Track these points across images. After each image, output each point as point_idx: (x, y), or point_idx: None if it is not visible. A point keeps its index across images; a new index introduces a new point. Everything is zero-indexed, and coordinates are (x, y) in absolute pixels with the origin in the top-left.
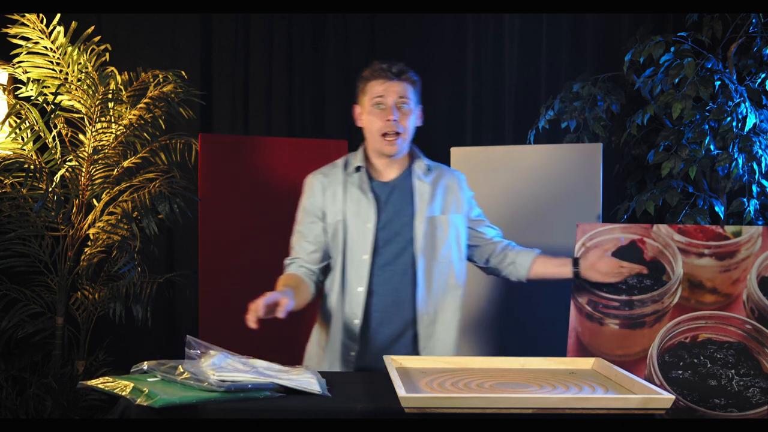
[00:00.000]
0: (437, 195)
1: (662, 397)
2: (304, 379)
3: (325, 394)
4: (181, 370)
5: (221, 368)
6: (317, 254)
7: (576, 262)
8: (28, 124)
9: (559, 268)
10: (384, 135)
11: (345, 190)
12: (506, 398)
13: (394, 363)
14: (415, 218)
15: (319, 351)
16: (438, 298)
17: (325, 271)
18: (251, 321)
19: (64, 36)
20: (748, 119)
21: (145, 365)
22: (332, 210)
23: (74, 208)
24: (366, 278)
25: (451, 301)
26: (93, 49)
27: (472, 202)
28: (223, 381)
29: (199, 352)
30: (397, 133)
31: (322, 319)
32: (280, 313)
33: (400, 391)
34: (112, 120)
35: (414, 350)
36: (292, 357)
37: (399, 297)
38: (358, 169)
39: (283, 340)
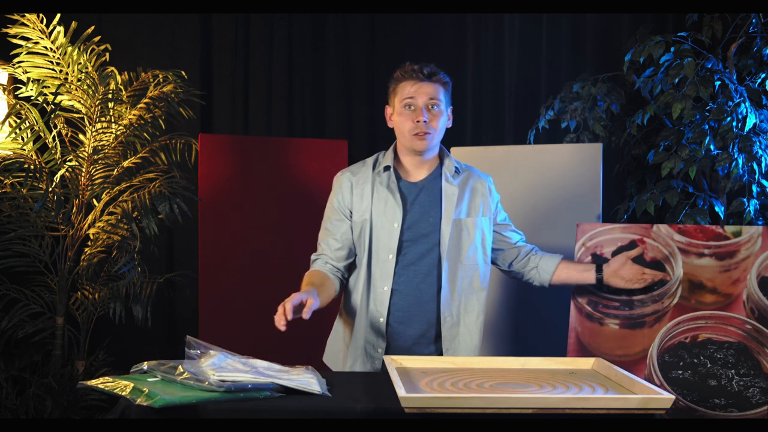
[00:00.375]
0: (464, 197)
1: (662, 397)
2: (304, 379)
3: (325, 393)
4: (181, 370)
5: (221, 368)
6: (343, 251)
7: (599, 268)
8: (28, 124)
9: (583, 274)
10: (414, 135)
11: (373, 189)
12: (506, 398)
13: (394, 363)
14: (442, 220)
15: (343, 347)
16: (462, 300)
17: (350, 268)
18: (281, 324)
19: (64, 36)
20: (748, 119)
21: (145, 365)
22: (359, 208)
23: (74, 208)
24: (391, 278)
25: (474, 304)
26: (93, 49)
27: (500, 206)
28: (223, 381)
29: (199, 352)
30: (427, 134)
31: (347, 316)
32: (306, 314)
33: (400, 391)
34: (112, 120)
35: (437, 351)
36: (292, 357)
37: (421, 297)
38: (387, 168)
39: (282, 340)
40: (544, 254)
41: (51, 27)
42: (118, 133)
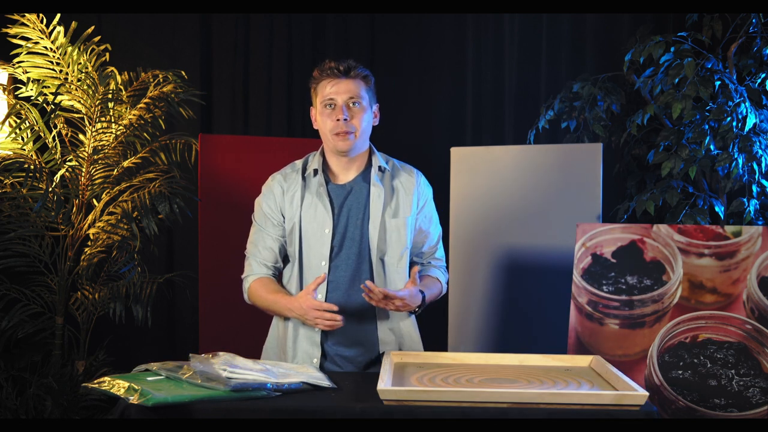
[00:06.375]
0: (392, 197)
1: (636, 394)
2: (315, 374)
3: (334, 386)
4: (187, 369)
5: (234, 365)
6: (280, 257)
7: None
8: (28, 124)
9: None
10: (336, 134)
11: (303, 194)
12: (480, 392)
13: (394, 358)
14: (369, 223)
15: (279, 353)
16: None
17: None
18: (338, 320)
19: (64, 36)
20: (748, 119)
21: (153, 366)
22: (289, 215)
23: (74, 208)
24: (325, 285)
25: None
26: (93, 49)
27: (430, 205)
28: (231, 379)
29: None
30: (348, 132)
31: (280, 322)
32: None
33: (379, 384)
34: (112, 120)
35: (376, 354)
36: None
37: (354, 303)
38: (315, 172)
39: None
40: (430, 266)
41: (51, 27)
42: (118, 133)
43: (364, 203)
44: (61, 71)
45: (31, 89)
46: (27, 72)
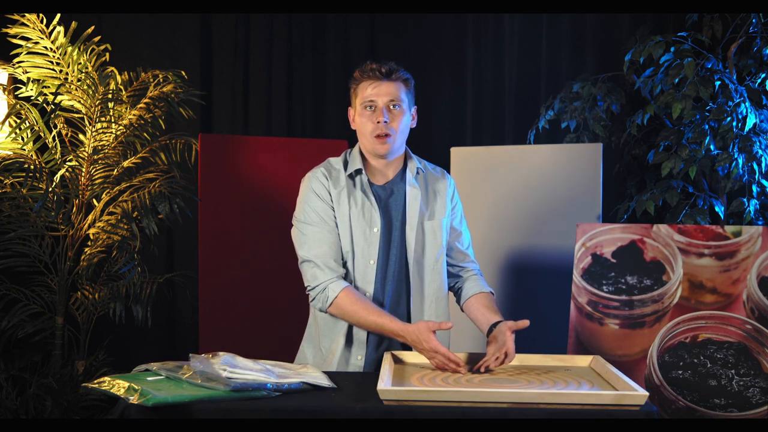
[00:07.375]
0: (428, 199)
1: (636, 394)
2: (315, 375)
3: (333, 386)
4: (187, 369)
5: (234, 365)
6: (340, 258)
7: (492, 328)
8: (28, 124)
9: (480, 321)
10: (376, 137)
11: (349, 192)
12: (480, 392)
13: (393, 358)
14: (407, 225)
15: (317, 353)
16: (430, 303)
17: None
18: (462, 367)
19: (64, 36)
20: (748, 119)
21: (153, 366)
22: (338, 213)
23: (74, 208)
24: (372, 284)
25: (443, 306)
26: (93, 49)
27: (459, 207)
28: (231, 379)
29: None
30: (387, 135)
31: (323, 321)
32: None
33: (380, 384)
34: (112, 120)
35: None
36: (291, 357)
37: (397, 303)
38: (358, 172)
39: (282, 340)
40: (477, 277)
41: (51, 27)
42: (118, 133)
43: (402, 205)
44: (61, 71)
45: (31, 89)
46: (27, 72)
